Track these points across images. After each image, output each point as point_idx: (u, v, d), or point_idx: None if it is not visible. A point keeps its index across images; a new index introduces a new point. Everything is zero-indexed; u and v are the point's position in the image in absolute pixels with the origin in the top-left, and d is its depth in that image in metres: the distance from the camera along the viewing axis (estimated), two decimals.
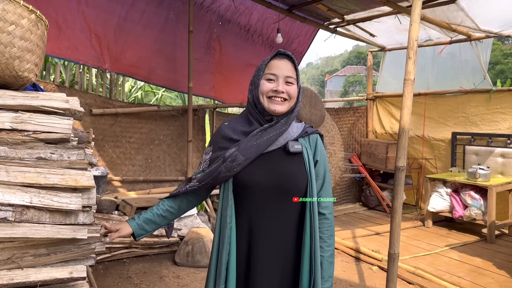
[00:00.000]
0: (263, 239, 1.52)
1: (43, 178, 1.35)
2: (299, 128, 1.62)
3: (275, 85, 1.51)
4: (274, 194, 1.51)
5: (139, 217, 1.62)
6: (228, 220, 1.50)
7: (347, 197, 7.00)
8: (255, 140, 1.51)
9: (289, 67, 1.55)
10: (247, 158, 1.48)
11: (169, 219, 1.65)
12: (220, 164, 1.50)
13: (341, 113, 6.97)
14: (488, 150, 5.46)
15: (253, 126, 1.56)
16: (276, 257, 1.52)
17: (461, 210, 5.11)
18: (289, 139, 1.56)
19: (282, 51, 1.57)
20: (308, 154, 1.58)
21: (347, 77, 43.40)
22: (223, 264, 1.48)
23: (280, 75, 1.52)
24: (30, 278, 1.33)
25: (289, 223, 1.54)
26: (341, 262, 4.27)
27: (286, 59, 1.56)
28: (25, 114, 1.53)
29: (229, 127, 1.61)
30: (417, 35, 2.49)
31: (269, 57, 1.56)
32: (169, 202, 1.65)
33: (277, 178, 1.51)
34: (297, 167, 1.54)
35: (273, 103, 1.51)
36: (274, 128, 1.53)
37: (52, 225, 1.34)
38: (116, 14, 4.58)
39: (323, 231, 1.57)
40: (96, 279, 3.57)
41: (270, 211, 1.52)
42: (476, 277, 3.78)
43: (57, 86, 4.27)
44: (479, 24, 4.96)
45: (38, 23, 1.73)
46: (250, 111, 1.59)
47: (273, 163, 1.53)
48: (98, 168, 4.29)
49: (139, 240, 1.65)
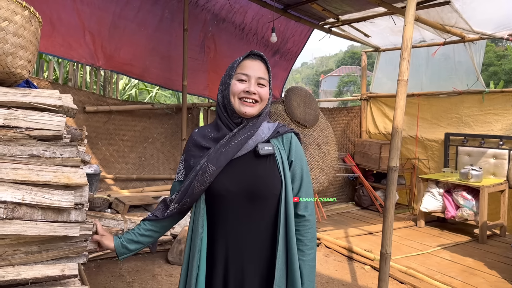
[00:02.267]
0: (239, 248, 1.44)
1: (35, 175, 1.34)
2: (271, 129, 1.54)
3: (247, 86, 1.45)
4: (246, 200, 1.43)
5: (123, 236, 1.56)
6: (200, 231, 1.44)
7: (340, 197, 7.03)
8: (223, 147, 1.44)
9: (262, 68, 1.50)
10: (218, 167, 1.42)
11: (154, 237, 1.59)
12: (193, 179, 1.44)
13: (335, 113, 6.99)
14: (480, 151, 5.50)
15: (222, 131, 1.50)
16: (254, 265, 1.45)
17: (453, 211, 5.15)
18: (259, 141, 1.48)
19: (255, 52, 1.51)
20: (282, 155, 1.50)
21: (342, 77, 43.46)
22: (193, 277, 1.42)
23: (253, 75, 1.46)
24: (22, 275, 1.32)
25: (265, 229, 1.46)
26: (334, 261, 4.28)
27: (259, 60, 1.51)
28: (17, 111, 1.52)
29: (199, 134, 1.55)
30: (411, 36, 2.50)
31: (242, 57, 1.49)
32: (151, 222, 1.58)
33: (249, 184, 1.44)
34: (269, 170, 1.46)
35: (244, 105, 1.45)
36: (242, 131, 1.47)
37: (44, 223, 1.33)
38: (110, 12, 4.56)
39: (304, 234, 1.48)
40: (88, 277, 3.55)
41: (244, 218, 1.44)
42: (467, 277, 3.81)
43: (51, 83, 4.25)
44: (472, 26, 4.99)
45: (31, 19, 1.72)
46: (219, 115, 1.52)
47: (242, 168, 1.46)
48: (91, 166, 4.27)
49: (123, 259, 1.57)
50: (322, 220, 5.73)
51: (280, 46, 6.10)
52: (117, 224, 3.92)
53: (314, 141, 5.97)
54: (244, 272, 1.44)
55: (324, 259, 4.33)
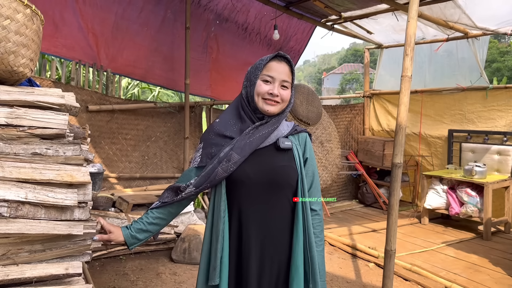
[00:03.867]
0: (254, 232, 1.54)
1: (39, 174, 1.34)
2: (289, 127, 1.67)
3: (271, 88, 1.54)
4: (266, 188, 1.55)
5: (131, 226, 1.60)
6: (222, 215, 1.52)
7: (344, 194, 7.01)
8: (248, 138, 1.53)
9: (287, 71, 1.57)
10: (242, 156, 1.51)
11: (161, 225, 1.65)
12: (216, 165, 1.51)
13: (338, 110, 6.97)
14: (484, 148, 5.48)
15: (245, 123, 1.59)
16: (268, 250, 1.54)
17: (458, 207, 5.13)
18: (280, 136, 1.60)
19: (282, 54, 1.58)
20: (298, 151, 1.63)
21: (344, 74, 43.34)
22: (218, 259, 1.49)
23: (277, 78, 1.55)
24: (26, 274, 1.32)
25: (281, 217, 1.57)
26: (338, 259, 4.27)
27: (284, 62, 1.58)
28: (20, 110, 1.51)
29: (221, 123, 1.63)
30: (415, 31, 2.48)
31: (268, 57, 1.57)
32: (159, 210, 1.63)
33: (269, 173, 1.55)
34: (288, 163, 1.59)
35: (267, 104, 1.55)
36: (265, 126, 1.57)
37: (47, 221, 1.33)
38: (113, 13, 4.55)
39: (315, 226, 1.63)
40: (92, 276, 3.56)
41: (262, 205, 1.55)
42: (472, 273, 3.80)
43: (53, 82, 4.25)
44: (475, 22, 4.96)
45: (33, 17, 1.71)
46: (243, 107, 1.61)
47: (264, 158, 1.57)
48: (94, 165, 4.27)
49: (133, 248, 1.63)
50: (325, 218, 5.72)
51: (283, 44, 6.08)
52: (120, 223, 3.92)
53: (317, 138, 5.96)
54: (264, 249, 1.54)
55: (328, 256, 4.32)
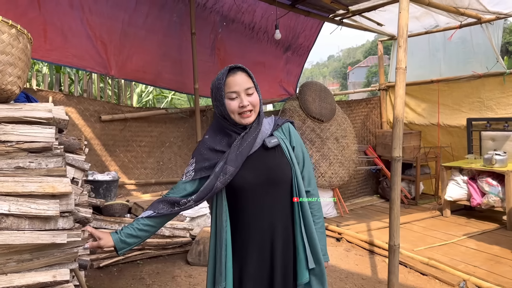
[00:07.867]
0: (257, 229, 1.64)
1: (21, 187, 1.40)
2: (271, 124, 1.75)
3: (240, 102, 1.62)
4: (264, 188, 1.64)
5: (121, 231, 1.64)
6: (224, 225, 1.62)
7: (364, 190, 6.91)
8: (237, 150, 1.62)
9: (245, 78, 1.64)
10: (236, 167, 1.59)
11: (151, 232, 1.69)
12: (214, 180, 1.60)
13: (353, 105, 6.89)
14: (504, 135, 5.30)
15: (231, 137, 1.67)
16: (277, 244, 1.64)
17: (479, 198, 4.99)
18: (264, 137, 1.69)
19: (233, 66, 1.65)
20: (286, 144, 1.73)
21: (370, 67, 42.62)
22: (223, 264, 1.59)
23: (240, 90, 1.62)
24: (14, 283, 1.38)
25: (282, 210, 1.66)
26: (355, 255, 4.23)
27: (239, 71, 1.64)
28: (7, 126, 1.58)
29: (210, 139, 1.71)
30: (407, 23, 2.44)
31: (223, 75, 1.63)
32: (151, 219, 1.67)
33: (265, 173, 1.65)
34: (279, 159, 1.69)
35: (243, 117, 1.63)
36: (249, 133, 1.66)
37: (31, 231, 1.39)
38: (119, 20, 4.64)
39: (311, 206, 1.74)
40: (109, 282, 3.66)
41: (263, 204, 1.64)
42: (492, 265, 3.69)
43: (65, 96, 4.38)
44: (487, 6, 4.82)
45: (19, 36, 1.78)
46: (224, 125, 1.68)
47: (258, 161, 1.66)
48: (109, 173, 4.38)
49: (122, 254, 1.66)
50: (344, 215, 5.67)
51: (291, 42, 6.07)
52: None
53: (332, 135, 5.90)
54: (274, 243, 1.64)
55: (345, 253, 4.29)
